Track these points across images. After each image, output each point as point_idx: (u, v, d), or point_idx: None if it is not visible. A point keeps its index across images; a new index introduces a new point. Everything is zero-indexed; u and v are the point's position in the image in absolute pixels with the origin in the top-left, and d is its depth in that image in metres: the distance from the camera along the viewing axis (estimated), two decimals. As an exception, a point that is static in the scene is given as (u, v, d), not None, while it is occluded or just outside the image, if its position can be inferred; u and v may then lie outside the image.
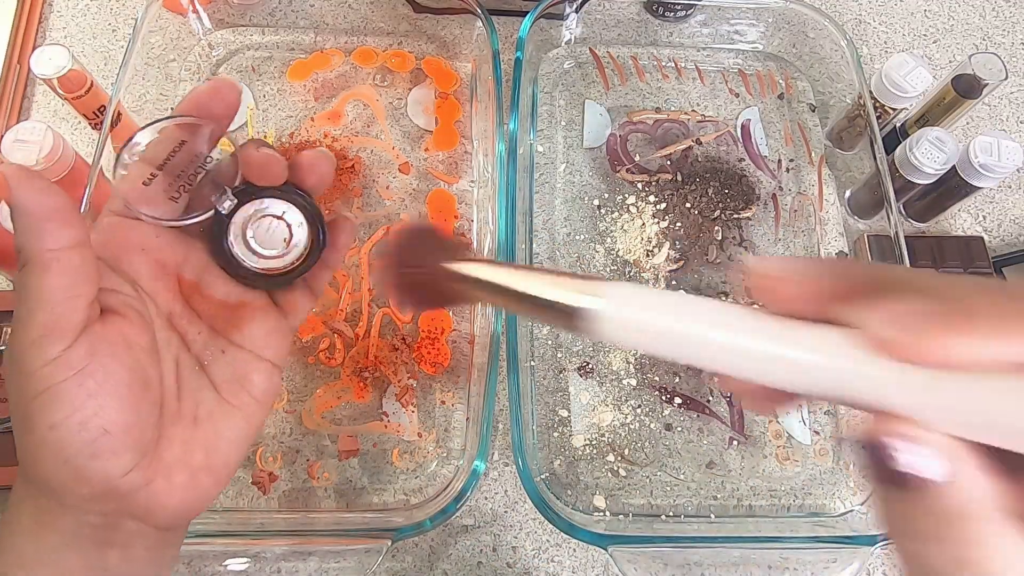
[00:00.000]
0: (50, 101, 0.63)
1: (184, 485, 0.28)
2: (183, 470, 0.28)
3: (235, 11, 0.65)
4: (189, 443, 0.29)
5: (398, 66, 0.64)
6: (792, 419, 0.54)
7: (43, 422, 0.25)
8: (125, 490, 0.26)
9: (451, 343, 0.55)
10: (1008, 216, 0.63)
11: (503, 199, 0.52)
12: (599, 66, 0.66)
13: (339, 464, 0.51)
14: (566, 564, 0.51)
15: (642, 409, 0.54)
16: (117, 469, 0.26)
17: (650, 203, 0.60)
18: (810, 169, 0.63)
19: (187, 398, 0.29)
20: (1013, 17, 0.72)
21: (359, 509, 0.50)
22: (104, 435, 0.25)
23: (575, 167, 0.62)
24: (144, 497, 0.27)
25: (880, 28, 0.71)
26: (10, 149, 0.49)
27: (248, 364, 0.31)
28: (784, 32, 0.66)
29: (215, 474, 0.29)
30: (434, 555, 0.50)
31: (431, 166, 0.61)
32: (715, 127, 0.64)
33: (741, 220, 0.60)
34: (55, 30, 0.66)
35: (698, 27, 0.68)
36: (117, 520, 0.27)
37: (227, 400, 0.30)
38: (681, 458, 0.53)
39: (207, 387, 0.30)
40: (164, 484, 0.27)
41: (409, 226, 0.29)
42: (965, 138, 0.62)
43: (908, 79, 0.57)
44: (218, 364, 0.31)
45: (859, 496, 0.52)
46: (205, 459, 0.29)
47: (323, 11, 0.67)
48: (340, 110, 0.62)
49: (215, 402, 0.30)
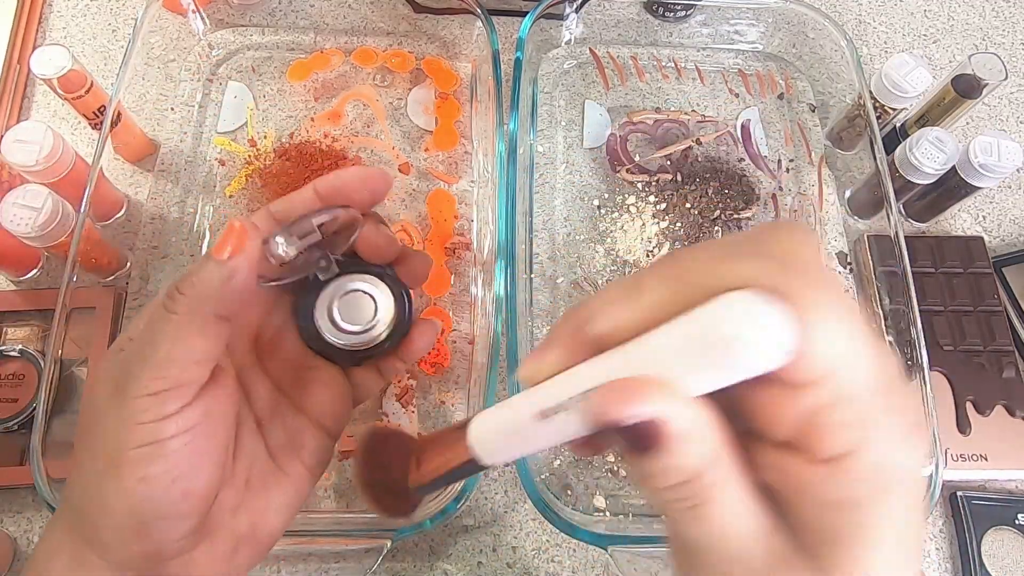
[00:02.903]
0: (50, 101, 0.63)
1: (223, 557, 0.27)
2: (228, 539, 0.27)
3: (235, 11, 0.65)
4: (237, 509, 0.28)
5: (398, 66, 0.64)
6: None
7: (137, 472, 0.24)
8: (172, 553, 0.26)
9: (451, 343, 0.55)
10: (1008, 216, 0.63)
11: (503, 199, 0.52)
12: (599, 66, 0.66)
13: (339, 464, 0.51)
14: (566, 564, 0.51)
15: (642, 409, 0.54)
16: (177, 532, 0.25)
17: (650, 203, 0.60)
18: (810, 169, 0.63)
19: (242, 459, 0.29)
20: (1013, 17, 0.72)
21: (359, 509, 0.50)
22: (186, 498, 0.25)
23: (575, 167, 0.62)
24: (182, 565, 0.26)
25: (880, 28, 0.71)
26: (10, 149, 0.49)
27: (305, 430, 0.30)
28: (784, 32, 0.66)
29: (256, 547, 0.28)
30: (434, 555, 0.50)
31: (431, 166, 0.61)
32: (715, 127, 0.64)
33: (741, 220, 0.60)
34: (55, 30, 0.66)
35: (698, 27, 0.68)
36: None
37: (280, 466, 0.29)
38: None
39: (262, 449, 0.29)
40: (206, 553, 0.27)
41: (375, 431, 0.29)
42: (965, 138, 0.62)
43: (908, 79, 0.57)
44: (275, 426, 0.30)
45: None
46: (251, 528, 0.28)
47: (323, 11, 0.67)
48: (340, 110, 0.62)
49: (267, 466, 0.29)
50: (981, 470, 0.53)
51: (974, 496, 0.52)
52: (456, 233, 0.58)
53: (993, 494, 0.53)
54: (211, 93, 0.63)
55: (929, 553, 0.52)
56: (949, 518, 0.53)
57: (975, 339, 0.56)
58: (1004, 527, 0.52)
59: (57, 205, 0.49)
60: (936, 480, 0.46)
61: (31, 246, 0.50)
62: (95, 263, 0.53)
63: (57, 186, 0.51)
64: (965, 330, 0.56)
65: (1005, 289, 0.58)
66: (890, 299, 0.55)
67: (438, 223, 0.58)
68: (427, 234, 0.58)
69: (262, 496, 0.28)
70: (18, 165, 0.50)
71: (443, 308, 0.56)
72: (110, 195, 0.57)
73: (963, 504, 0.52)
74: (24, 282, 0.56)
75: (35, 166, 0.49)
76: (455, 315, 0.56)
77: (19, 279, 0.56)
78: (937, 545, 0.53)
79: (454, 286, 0.57)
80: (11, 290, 0.56)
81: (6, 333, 0.54)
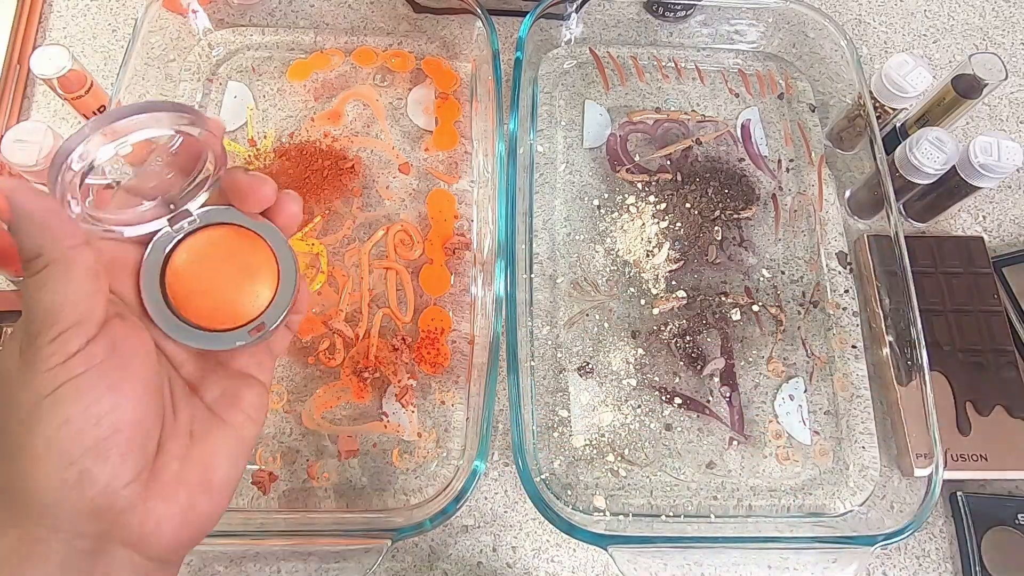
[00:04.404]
0: (50, 101, 0.63)
1: (182, 508, 0.27)
2: (181, 489, 0.27)
3: (235, 11, 0.65)
4: (186, 460, 0.28)
5: (398, 66, 0.64)
6: (792, 419, 0.54)
7: (55, 419, 0.24)
8: (123, 505, 0.25)
9: (451, 343, 0.55)
10: (1008, 216, 0.63)
11: (503, 199, 0.52)
12: (599, 66, 0.66)
13: (339, 464, 0.51)
14: (566, 564, 0.51)
15: (642, 409, 0.54)
16: (121, 476, 0.25)
17: (650, 203, 0.60)
18: (810, 169, 0.63)
19: (182, 413, 0.29)
20: (1013, 17, 0.72)
21: (359, 509, 0.50)
22: (116, 433, 0.25)
23: (575, 167, 0.62)
24: (140, 518, 0.26)
25: (880, 28, 0.71)
26: (10, 149, 0.49)
27: (235, 382, 0.31)
28: (784, 32, 0.66)
29: (213, 496, 0.29)
30: (434, 555, 0.50)
31: (431, 166, 0.61)
32: (715, 127, 0.64)
33: (741, 220, 0.60)
34: (55, 30, 0.66)
35: (698, 27, 0.68)
36: (108, 547, 0.25)
37: (220, 416, 0.30)
38: (681, 458, 0.53)
39: (199, 405, 0.30)
40: (162, 506, 0.26)
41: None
42: (965, 138, 0.62)
43: (908, 79, 0.57)
44: (207, 384, 0.31)
45: (859, 496, 0.52)
46: (202, 476, 0.28)
47: (323, 11, 0.67)
48: (340, 110, 0.62)
49: (209, 418, 0.30)
50: (981, 470, 0.53)
51: (974, 496, 0.52)
52: (456, 233, 0.58)
53: (993, 494, 0.53)
54: (211, 93, 0.63)
55: (929, 553, 0.52)
56: (949, 518, 0.53)
57: (975, 339, 0.56)
58: (1004, 527, 0.52)
59: (57, 205, 0.49)
60: (936, 480, 0.46)
61: (31, 246, 0.50)
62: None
63: (57, 186, 0.51)
64: (965, 330, 0.56)
65: (1005, 289, 0.58)
66: (890, 299, 0.55)
67: (438, 223, 0.58)
68: (427, 234, 0.58)
69: (208, 446, 0.29)
70: (18, 165, 0.50)
71: (443, 308, 0.56)
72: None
73: (963, 504, 0.52)
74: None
75: (35, 166, 0.49)
76: (455, 315, 0.56)
77: (19, 279, 0.56)
78: (937, 545, 0.53)
79: (454, 286, 0.57)
80: (11, 290, 0.56)
81: (6, 333, 0.54)
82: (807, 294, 0.58)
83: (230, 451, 0.30)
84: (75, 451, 0.24)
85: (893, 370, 0.54)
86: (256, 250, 0.31)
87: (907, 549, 0.52)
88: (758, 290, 0.58)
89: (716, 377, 0.55)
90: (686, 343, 0.56)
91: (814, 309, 0.58)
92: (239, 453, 0.30)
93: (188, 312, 0.30)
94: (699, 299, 0.57)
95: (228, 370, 0.31)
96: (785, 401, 0.55)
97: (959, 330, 0.56)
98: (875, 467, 0.53)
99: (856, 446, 0.54)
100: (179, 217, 0.30)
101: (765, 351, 0.56)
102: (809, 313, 0.58)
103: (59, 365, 0.24)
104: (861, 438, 0.54)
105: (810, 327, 0.57)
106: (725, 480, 0.53)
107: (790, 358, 0.56)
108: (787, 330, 0.57)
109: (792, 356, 0.56)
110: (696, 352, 0.56)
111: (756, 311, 0.57)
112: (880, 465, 0.53)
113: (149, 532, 0.26)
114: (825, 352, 0.57)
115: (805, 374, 0.56)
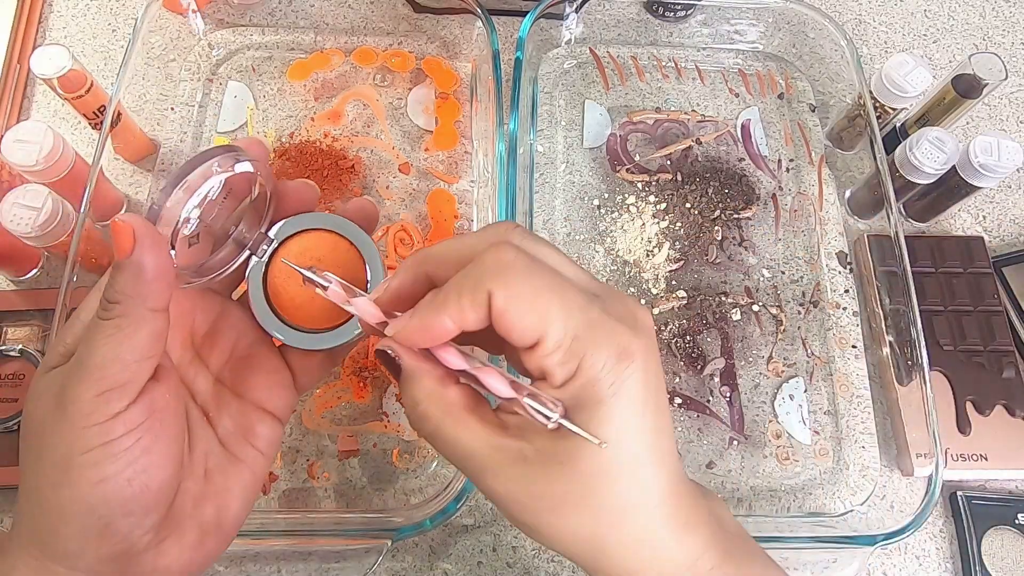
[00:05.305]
0: (50, 101, 0.63)
1: (192, 546, 0.27)
2: (193, 528, 0.28)
3: (235, 11, 0.65)
4: (200, 498, 0.28)
5: (398, 66, 0.64)
6: (792, 419, 0.54)
7: (91, 476, 0.24)
8: (140, 549, 0.26)
9: (451, 343, 0.55)
10: (1008, 216, 0.63)
11: (503, 199, 0.52)
12: (599, 66, 0.66)
13: (339, 464, 0.51)
14: (566, 564, 0.51)
15: (642, 409, 0.54)
16: (143, 527, 0.26)
17: (650, 203, 0.60)
18: (810, 169, 0.63)
19: (197, 450, 0.29)
20: (1013, 17, 0.72)
21: (359, 509, 0.50)
22: (145, 492, 0.25)
23: (575, 167, 0.62)
24: (152, 557, 0.26)
25: (880, 28, 0.71)
26: (10, 149, 0.49)
27: (251, 416, 0.31)
28: (784, 32, 0.66)
29: (222, 533, 0.29)
30: (434, 555, 0.50)
31: (431, 166, 0.61)
32: (715, 127, 0.64)
33: (741, 220, 0.60)
34: (55, 30, 0.66)
35: (698, 27, 0.68)
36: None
37: (234, 454, 0.30)
38: (681, 458, 0.53)
39: (213, 440, 0.30)
40: (175, 544, 0.27)
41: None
42: (965, 138, 0.62)
43: (908, 79, 0.57)
44: (222, 417, 0.30)
45: (859, 496, 0.52)
46: (215, 515, 0.28)
47: (323, 11, 0.67)
48: (340, 110, 0.62)
49: (223, 455, 0.30)
50: (981, 470, 0.53)
51: (974, 496, 0.52)
52: (456, 233, 0.58)
53: (993, 494, 0.53)
54: (211, 93, 0.63)
55: (929, 553, 0.52)
56: (949, 518, 0.53)
57: (975, 339, 0.56)
58: (1004, 527, 0.52)
59: (57, 205, 0.49)
60: (936, 480, 0.46)
61: (31, 246, 0.50)
62: (95, 263, 0.53)
63: (57, 186, 0.51)
64: (965, 330, 0.56)
65: (1005, 289, 0.58)
66: (890, 299, 0.55)
67: (438, 223, 0.58)
68: (427, 234, 0.58)
69: (222, 484, 0.29)
70: (18, 165, 0.49)
71: (443, 308, 0.56)
72: (110, 195, 0.57)
73: (963, 504, 0.52)
74: (24, 282, 0.56)
75: (35, 166, 0.49)
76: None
77: (19, 279, 0.56)
78: (937, 545, 0.53)
79: (454, 286, 0.56)
80: (11, 290, 0.56)
81: (6, 333, 0.54)
82: (807, 294, 0.58)
83: (243, 489, 0.30)
84: (104, 509, 0.25)
85: (893, 370, 0.54)
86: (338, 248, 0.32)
87: (907, 549, 0.52)
88: (758, 290, 0.58)
89: (716, 377, 0.55)
90: (686, 343, 0.56)
91: (814, 309, 0.58)
92: (251, 489, 0.30)
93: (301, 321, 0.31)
94: (699, 299, 0.57)
95: (243, 403, 0.31)
96: (785, 401, 0.55)
97: (959, 330, 0.56)
98: (875, 467, 0.53)
99: (856, 446, 0.54)
100: (258, 242, 0.31)
101: (765, 351, 0.56)
102: (809, 313, 0.58)
103: (98, 425, 0.24)
104: (861, 438, 0.54)
105: (810, 327, 0.57)
106: (725, 480, 0.53)
107: (790, 358, 0.56)
108: (787, 330, 0.57)
109: (792, 356, 0.56)
110: (696, 352, 0.56)
111: (756, 311, 0.57)
112: (880, 465, 0.53)
113: (159, 570, 0.27)
114: (825, 352, 0.57)
115: (805, 374, 0.56)
